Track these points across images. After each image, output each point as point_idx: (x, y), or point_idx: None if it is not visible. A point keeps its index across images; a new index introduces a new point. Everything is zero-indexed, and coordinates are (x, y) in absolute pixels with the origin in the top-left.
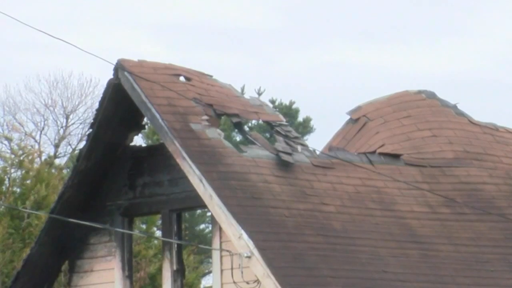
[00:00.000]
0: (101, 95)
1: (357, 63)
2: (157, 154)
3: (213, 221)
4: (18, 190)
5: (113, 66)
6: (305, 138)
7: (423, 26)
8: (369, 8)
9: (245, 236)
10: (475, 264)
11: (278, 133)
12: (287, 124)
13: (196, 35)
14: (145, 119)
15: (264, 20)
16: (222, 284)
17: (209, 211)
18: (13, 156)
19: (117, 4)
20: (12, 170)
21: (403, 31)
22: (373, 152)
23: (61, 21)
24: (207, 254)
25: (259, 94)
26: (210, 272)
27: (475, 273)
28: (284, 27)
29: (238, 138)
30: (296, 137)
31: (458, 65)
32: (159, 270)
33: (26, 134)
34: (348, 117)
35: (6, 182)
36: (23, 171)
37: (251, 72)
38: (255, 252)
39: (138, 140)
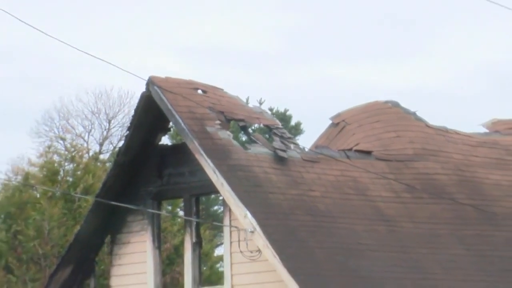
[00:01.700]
0: (135, 104)
1: (338, 78)
2: (179, 151)
3: (224, 203)
4: (71, 179)
5: (145, 82)
6: (296, 138)
7: (393, 48)
8: (349, 34)
9: (249, 215)
10: (430, 238)
11: (275, 134)
12: (282, 127)
13: (211, 56)
14: (170, 123)
15: (265, 44)
16: (231, 253)
17: (221, 195)
18: (66, 152)
19: (149, 32)
20: (66, 164)
21: (376, 52)
22: (350, 150)
23: (106, 44)
24: (219, 229)
25: (260, 103)
26: (221, 243)
27: (430, 245)
28: (280, 49)
29: (243, 138)
30: (289, 138)
31: (417, 80)
32: (182, 242)
33: (76, 135)
34: (330, 122)
35: (61, 173)
36: (75, 165)
37: (254, 86)
38: (257, 228)
39: (165, 140)
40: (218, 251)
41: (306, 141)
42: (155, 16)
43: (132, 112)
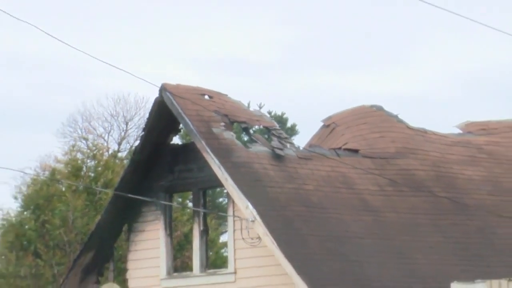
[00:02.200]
0: (150, 108)
1: (329, 85)
2: (188, 150)
3: (228, 196)
4: (92, 175)
5: (158, 88)
6: (292, 138)
7: (377, 59)
8: (339, 46)
9: (250, 206)
10: (411, 227)
11: (273, 135)
12: (279, 128)
13: (217, 65)
14: (180, 125)
15: (265, 55)
16: (234, 240)
17: (225, 189)
18: (88, 151)
19: (162, 43)
20: (88, 161)
21: (362, 62)
22: (340, 148)
23: (123, 54)
24: (224, 219)
25: (260, 107)
26: (226, 231)
27: (411, 233)
28: (279, 60)
29: (245, 138)
30: (286, 138)
31: (398, 86)
32: (191, 230)
33: (97, 135)
34: (322, 124)
35: (84, 169)
36: (96, 162)
37: (255, 92)
38: (258, 217)
39: (176, 140)
40: (222, 238)
41: (300, 141)
42: (168, 30)
43: (147, 115)
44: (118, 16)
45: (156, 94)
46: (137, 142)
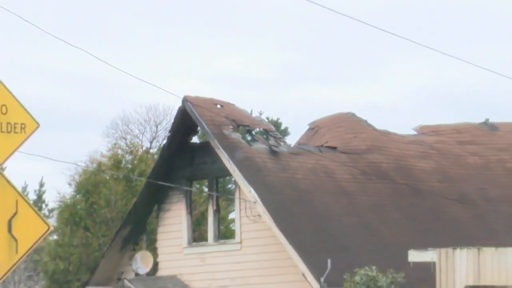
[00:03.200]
0: (174, 115)
1: (314, 96)
2: (204, 147)
3: (235, 183)
4: (130, 166)
5: (181, 99)
6: (285, 138)
7: (352, 75)
8: (322, 65)
9: (252, 191)
10: (378, 207)
11: (270, 135)
12: (275, 130)
13: (226, 80)
14: (198, 128)
15: (264, 72)
16: (240, 217)
17: (233, 177)
18: (127, 148)
19: (184, 63)
20: (126, 156)
21: (340, 78)
22: (322, 146)
23: (155, 71)
24: (232, 201)
25: (260, 114)
26: (233, 210)
27: (378, 212)
28: (274, 76)
29: (248, 138)
30: (280, 138)
31: (368, 97)
32: (206, 209)
33: (134, 136)
34: (308, 127)
35: (123, 162)
36: (132, 156)
37: (256, 102)
38: (258, 199)
39: (194, 139)
40: (231, 216)
41: (291, 140)
42: (189, 52)
43: (172, 120)
44: (150, 42)
45: (179, 104)
46: (165, 141)
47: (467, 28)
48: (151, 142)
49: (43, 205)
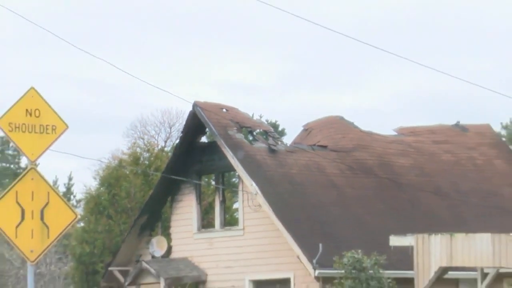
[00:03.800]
0: (186, 118)
1: (308, 101)
2: (212, 146)
3: (239, 177)
4: (147, 162)
5: (192, 104)
6: (282, 138)
7: (341, 83)
8: (315, 74)
9: (254, 184)
10: (363, 198)
11: (269, 136)
12: (273, 131)
13: (231, 87)
14: (206, 129)
15: (264, 80)
16: (243, 207)
17: (237, 172)
18: (144, 146)
19: (194, 72)
20: (144, 153)
21: (331, 85)
22: (314, 145)
23: (169, 79)
24: (236, 192)
25: (260, 117)
26: (237, 201)
27: (363, 203)
28: (274, 84)
29: (250, 138)
30: (277, 138)
31: (354, 102)
32: (213, 200)
33: (150, 136)
34: (302, 128)
35: (141, 159)
36: (149, 154)
37: (257, 106)
38: (259, 192)
39: (203, 139)
40: (235, 205)
41: (287, 140)
42: (198, 62)
43: (184, 122)
44: (165, 53)
45: (190, 108)
46: (177, 141)
47: (442, 43)
48: (165, 142)
49: (72, 197)
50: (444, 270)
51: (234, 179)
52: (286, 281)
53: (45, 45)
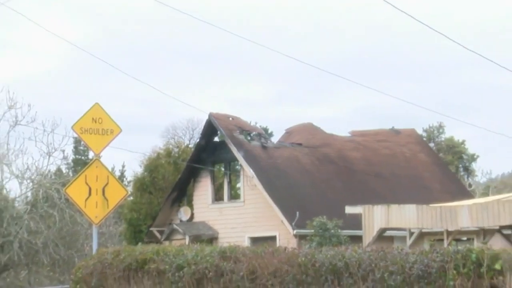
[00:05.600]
0: (203, 124)
1: (290, 113)
2: (222, 144)
3: (240, 165)
4: (176, 155)
5: (207, 114)
6: (270, 138)
7: (313, 100)
8: (296, 93)
9: (251, 170)
10: (328, 180)
11: (262, 137)
12: (265, 134)
13: (236, 101)
14: (218, 132)
15: (259, 96)
16: (244, 186)
17: (239, 162)
18: (175, 144)
19: (209, 89)
20: (174, 149)
21: (306, 102)
22: (293, 143)
23: (190, 96)
24: (238, 176)
25: (256, 123)
26: (239, 181)
27: (327, 183)
28: (266, 99)
29: (248, 138)
30: (268, 138)
31: (321, 113)
32: (223, 181)
33: (179, 137)
34: (285, 131)
35: (172, 153)
36: (178, 149)
37: (254, 116)
38: (254, 175)
39: (216, 139)
40: (238, 185)
41: (275, 140)
42: (211, 81)
43: (202, 128)
44: (189, 76)
45: (206, 117)
46: (198, 140)
47: (382, 72)
48: (189, 141)
49: (124, 179)
50: (383, 230)
51: (237, 167)
52: (274, 238)
53: (105, 73)
